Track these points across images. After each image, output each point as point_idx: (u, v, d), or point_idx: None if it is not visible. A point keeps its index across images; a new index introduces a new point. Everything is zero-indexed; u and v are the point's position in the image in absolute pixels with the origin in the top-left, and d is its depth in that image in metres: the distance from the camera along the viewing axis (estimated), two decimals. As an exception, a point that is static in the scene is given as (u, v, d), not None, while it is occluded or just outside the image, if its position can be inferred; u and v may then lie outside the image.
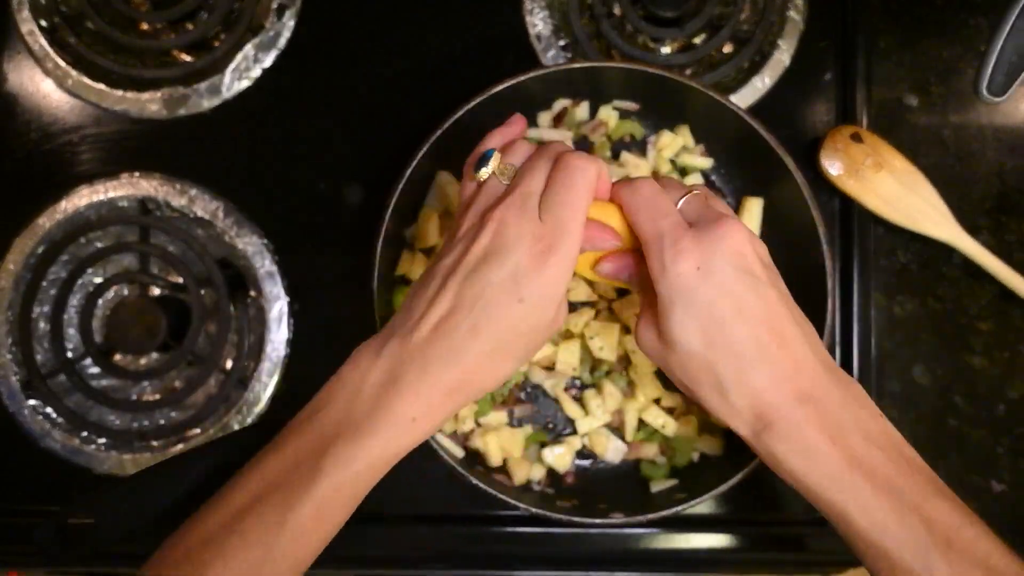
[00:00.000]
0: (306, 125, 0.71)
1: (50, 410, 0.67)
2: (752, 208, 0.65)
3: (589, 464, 0.65)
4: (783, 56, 0.70)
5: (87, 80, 0.70)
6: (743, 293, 0.42)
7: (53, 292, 0.68)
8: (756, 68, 0.70)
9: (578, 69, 0.61)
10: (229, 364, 0.69)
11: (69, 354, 0.68)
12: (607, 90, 0.66)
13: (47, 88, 0.71)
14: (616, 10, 0.72)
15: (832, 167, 0.67)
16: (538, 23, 0.71)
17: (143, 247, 0.68)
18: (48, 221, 0.68)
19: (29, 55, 0.71)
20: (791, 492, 0.44)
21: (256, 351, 0.68)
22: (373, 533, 0.67)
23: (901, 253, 0.69)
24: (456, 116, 0.59)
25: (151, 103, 0.70)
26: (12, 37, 0.72)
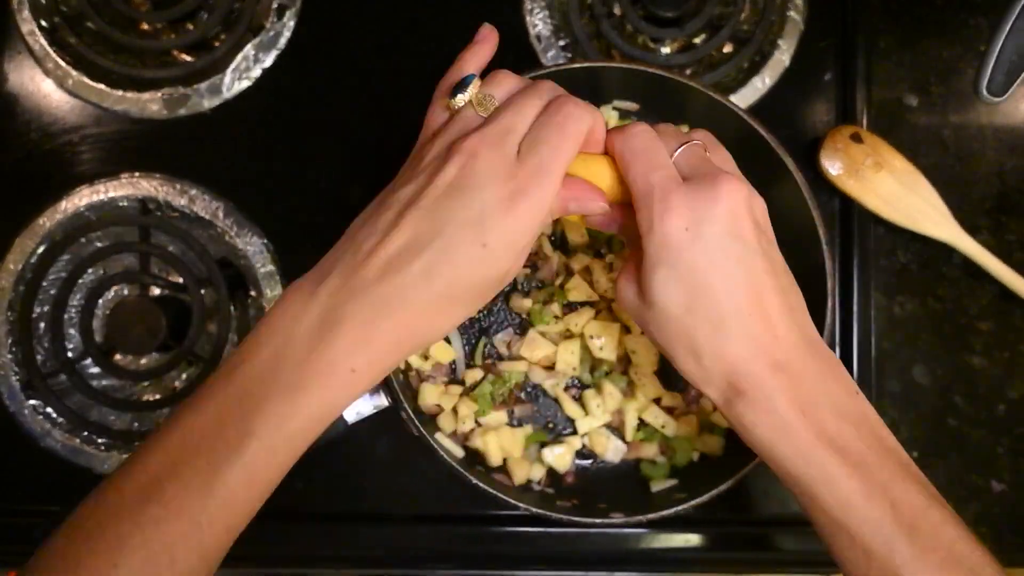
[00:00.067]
0: (306, 125, 0.71)
1: (50, 410, 0.67)
2: (752, 208, 0.65)
3: (589, 464, 0.65)
4: (783, 56, 0.70)
5: (87, 80, 0.70)
6: (729, 260, 0.40)
7: (53, 292, 0.68)
8: (756, 68, 0.70)
9: (578, 69, 0.61)
10: (229, 364, 0.68)
11: (69, 354, 0.68)
12: (607, 90, 0.66)
13: (47, 88, 0.72)
14: (616, 10, 0.72)
15: (832, 167, 0.67)
16: (538, 23, 0.71)
17: (143, 247, 0.68)
18: (48, 221, 0.68)
19: (29, 55, 0.71)
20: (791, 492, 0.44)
21: (256, 351, 0.68)
22: (373, 533, 0.67)
23: (901, 253, 0.69)
24: (456, 116, 0.59)
25: (151, 103, 0.70)
26: (12, 37, 0.72)
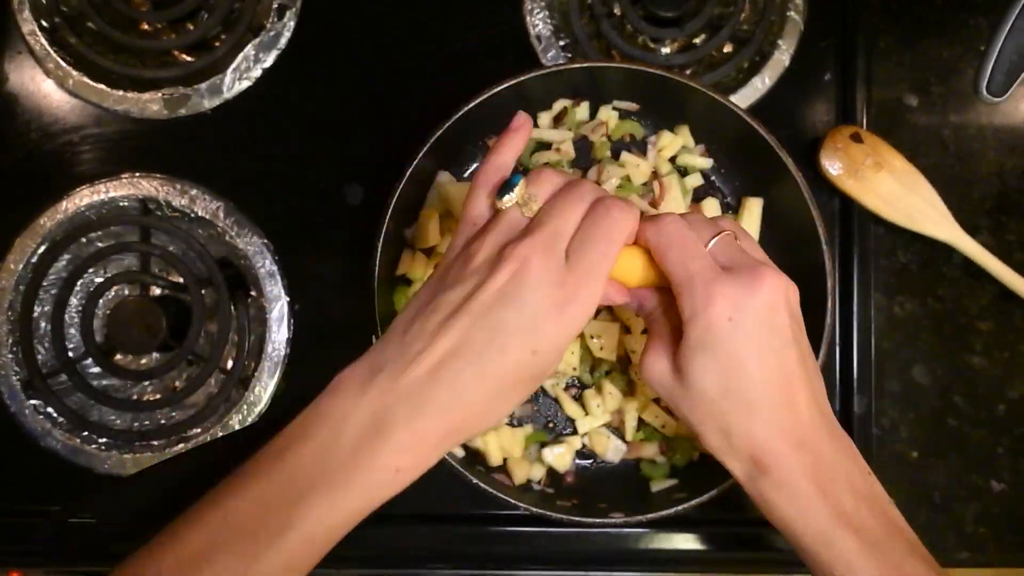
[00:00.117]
0: (306, 125, 0.71)
1: (51, 410, 0.67)
2: (752, 208, 0.65)
3: (589, 464, 0.65)
4: (783, 56, 0.70)
5: (88, 80, 0.70)
6: (766, 350, 0.42)
7: (54, 292, 0.68)
8: (756, 68, 0.70)
9: (578, 69, 0.61)
10: (230, 364, 0.69)
11: (70, 354, 0.68)
12: (607, 90, 0.66)
13: (48, 88, 0.72)
14: (616, 10, 0.72)
15: (832, 167, 0.67)
16: (538, 23, 0.71)
17: (144, 247, 0.68)
18: (49, 221, 0.68)
19: (30, 55, 0.71)
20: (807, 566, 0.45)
21: (256, 351, 0.68)
22: (373, 533, 0.67)
23: (901, 253, 0.69)
24: (456, 116, 0.59)
25: (152, 103, 0.70)
26: (13, 37, 0.72)
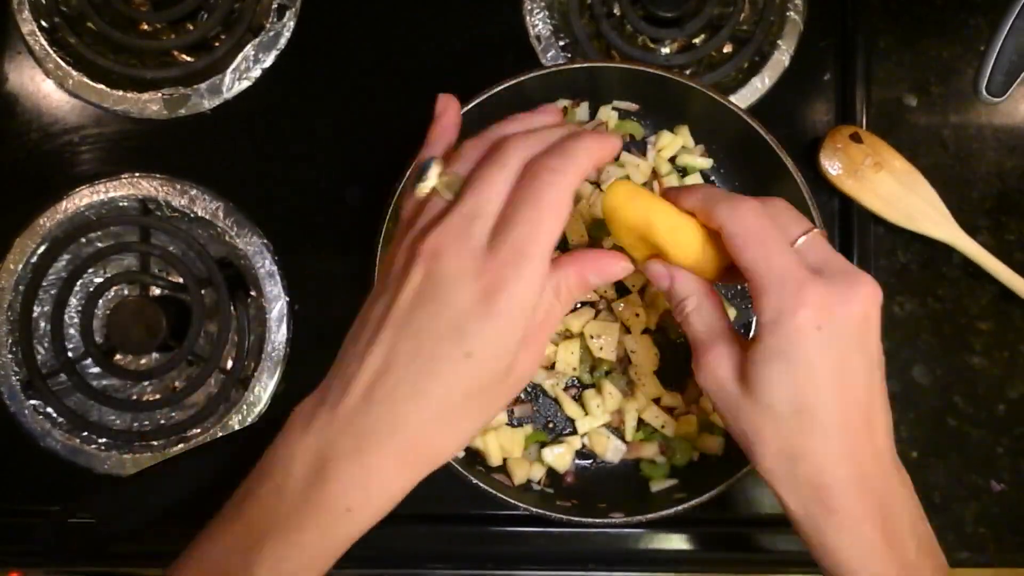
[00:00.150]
0: (306, 125, 0.71)
1: (51, 410, 0.67)
2: (752, 208, 0.65)
3: (589, 464, 0.65)
4: (783, 56, 0.70)
5: (87, 80, 0.70)
6: (854, 370, 0.38)
7: (54, 292, 0.68)
8: (756, 68, 0.70)
9: (578, 69, 0.61)
10: (229, 364, 0.69)
11: (70, 354, 0.68)
12: (607, 90, 0.66)
13: (48, 88, 0.72)
14: (616, 10, 0.72)
15: (832, 167, 0.67)
16: (538, 23, 0.71)
17: (144, 247, 0.68)
18: (49, 221, 0.68)
19: (30, 55, 0.71)
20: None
21: (256, 351, 0.68)
22: (373, 533, 0.67)
23: (901, 253, 0.69)
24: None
25: (151, 103, 0.70)
26: (13, 37, 0.72)
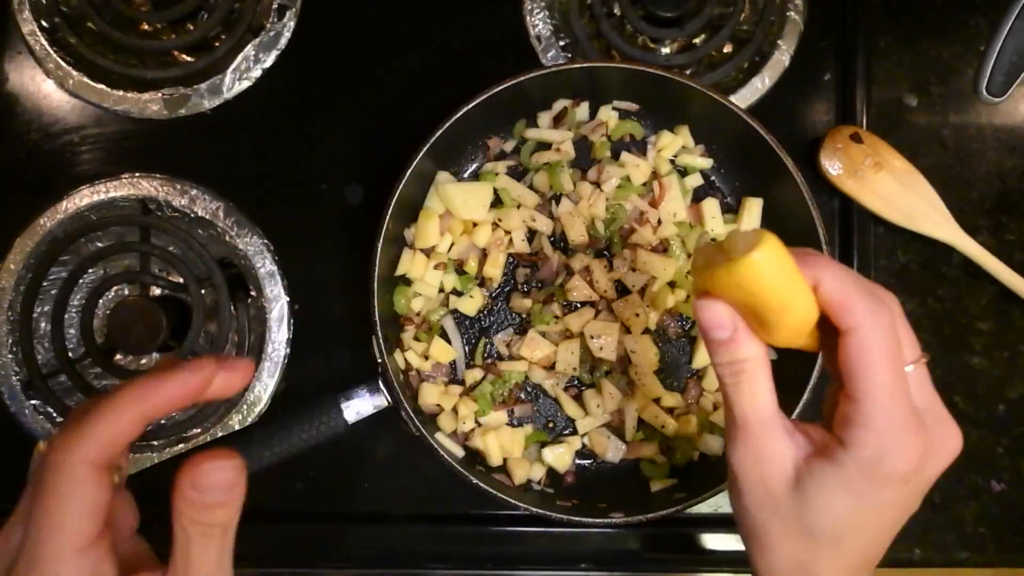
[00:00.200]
0: (306, 125, 0.71)
1: (51, 410, 0.67)
2: (752, 208, 0.65)
3: (589, 464, 0.65)
4: (783, 56, 0.70)
5: (88, 80, 0.70)
6: (901, 516, 0.38)
7: (54, 292, 0.68)
8: (756, 68, 0.70)
9: (578, 69, 0.61)
10: (229, 364, 0.69)
11: (70, 354, 0.68)
12: (607, 90, 0.66)
13: (48, 88, 0.72)
14: (616, 10, 0.72)
15: (832, 167, 0.67)
16: (538, 23, 0.71)
17: (144, 247, 0.68)
18: (49, 221, 0.68)
19: (30, 55, 0.71)
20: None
21: (256, 351, 0.68)
22: (373, 533, 0.67)
23: (901, 253, 0.69)
24: (456, 116, 0.59)
25: (152, 103, 0.71)
26: (13, 37, 0.72)
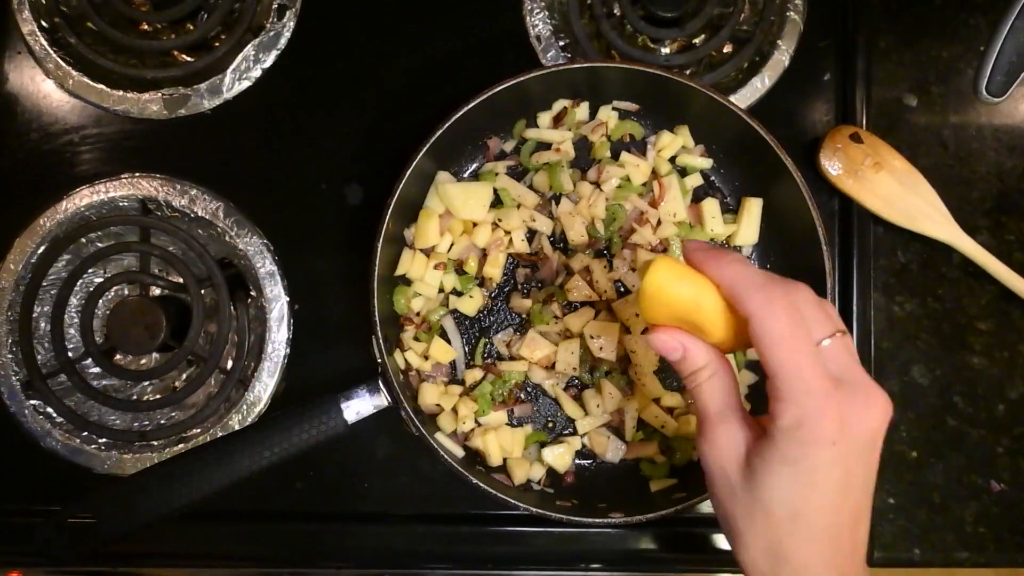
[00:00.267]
0: (306, 125, 0.71)
1: (51, 410, 0.67)
2: (752, 208, 0.65)
3: (589, 464, 0.65)
4: (783, 56, 0.70)
5: (88, 80, 0.70)
6: (855, 485, 0.39)
7: (54, 292, 0.68)
8: (756, 68, 0.70)
9: (578, 69, 0.61)
10: (229, 364, 0.69)
11: (70, 354, 0.68)
12: (607, 90, 0.66)
13: (48, 88, 0.72)
14: (616, 10, 0.72)
15: (832, 167, 0.67)
16: (538, 23, 0.71)
17: (144, 247, 0.68)
18: (49, 221, 0.68)
19: (30, 55, 0.71)
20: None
21: (256, 351, 0.68)
22: (373, 533, 0.67)
23: (901, 253, 0.69)
24: (456, 116, 0.59)
25: (152, 103, 0.70)
26: (13, 37, 0.72)
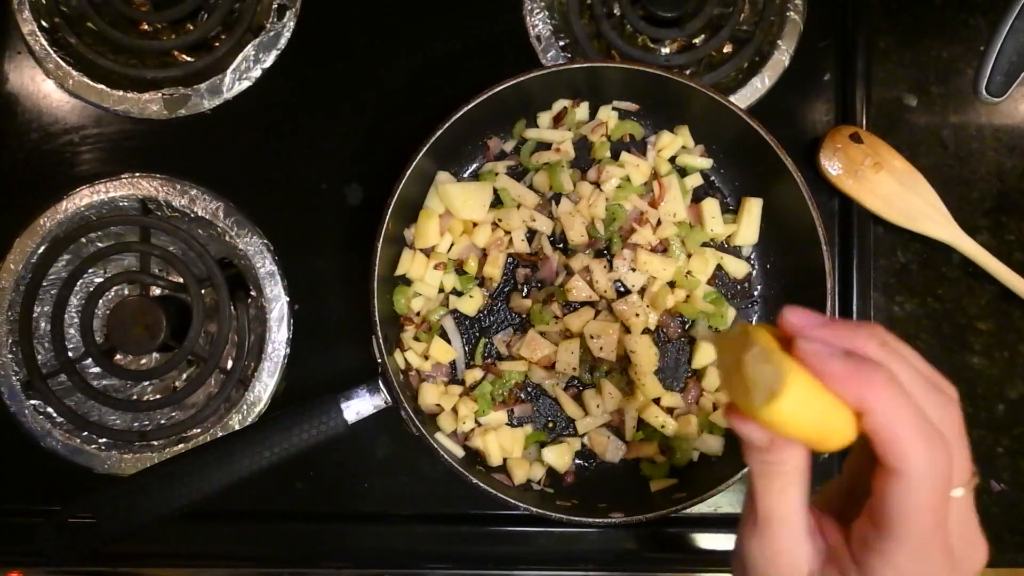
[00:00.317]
0: (306, 125, 0.71)
1: (51, 410, 0.67)
2: (752, 208, 0.65)
3: (589, 464, 0.65)
4: (783, 56, 0.70)
5: (88, 80, 0.70)
6: None
7: (54, 292, 0.68)
8: (756, 68, 0.70)
9: (578, 69, 0.61)
10: (229, 364, 0.69)
11: (70, 354, 0.68)
12: (607, 90, 0.66)
13: (48, 88, 0.72)
14: (616, 10, 0.72)
15: (832, 167, 0.67)
16: (538, 23, 0.71)
17: (144, 247, 0.68)
18: (49, 221, 0.68)
19: (30, 55, 0.71)
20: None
21: (256, 351, 0.68)
22: (373, 532, 0.67)
23: (901, 253, 0.69)
24: (456, 116, 0.59)
25: (152, 103, 0.70)
26: (13, 37, 0.72)
